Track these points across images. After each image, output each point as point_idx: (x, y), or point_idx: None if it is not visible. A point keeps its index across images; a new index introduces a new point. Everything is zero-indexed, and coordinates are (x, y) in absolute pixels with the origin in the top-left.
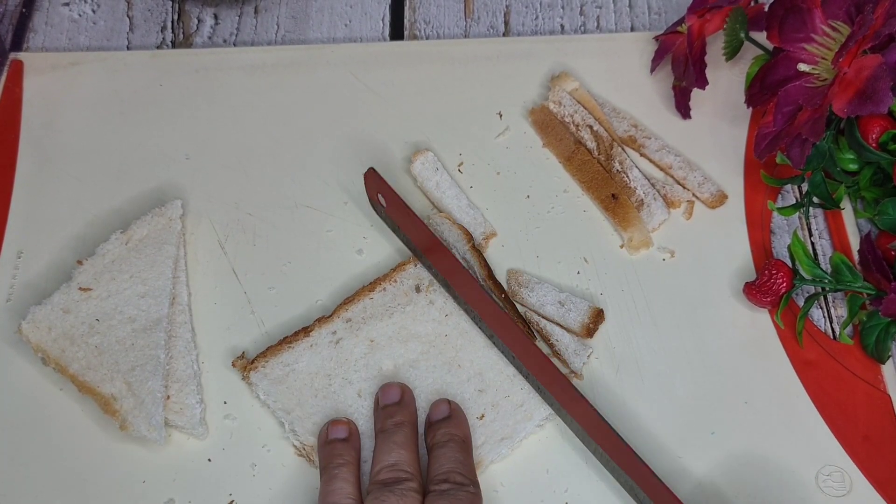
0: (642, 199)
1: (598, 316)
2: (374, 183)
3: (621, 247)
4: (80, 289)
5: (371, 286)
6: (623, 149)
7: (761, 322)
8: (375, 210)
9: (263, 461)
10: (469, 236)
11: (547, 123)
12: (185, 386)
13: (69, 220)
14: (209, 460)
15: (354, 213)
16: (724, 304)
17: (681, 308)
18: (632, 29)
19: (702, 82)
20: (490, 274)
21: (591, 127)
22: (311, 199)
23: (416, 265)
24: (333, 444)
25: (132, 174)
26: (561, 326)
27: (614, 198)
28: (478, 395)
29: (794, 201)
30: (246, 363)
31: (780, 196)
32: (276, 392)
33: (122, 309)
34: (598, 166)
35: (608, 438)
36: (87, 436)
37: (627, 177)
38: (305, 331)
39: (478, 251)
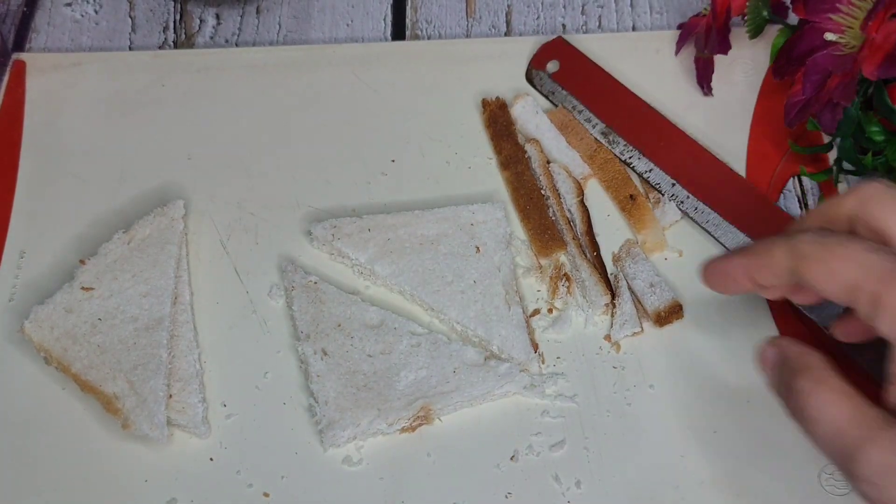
0: (658, 198)
1: (674, 309)
2: (552, 51)
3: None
4: (83, 288)
5: None
6: None
7: (762, 322)
8: (532, 83)
9: (265, 460)
10: (580, 190)
11: (567, 123)
12: (188, 385)
13: (72, 220)
14: (211, 459)
15: (356, 213)
16: (725, 303)
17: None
18: (633, 28)
19: (724, 47)
20: (589, 230)
21: None
22: (312, 198)
23: None
24: None
25: (134, 174)
26: (639, 303)
27: (632, 199)
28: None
29: (794, 201)
30: None
31: (781, 196)
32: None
33: (125, 308)
34: (620, 165)
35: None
36: (90, 435)
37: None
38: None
39: (584, 206)
